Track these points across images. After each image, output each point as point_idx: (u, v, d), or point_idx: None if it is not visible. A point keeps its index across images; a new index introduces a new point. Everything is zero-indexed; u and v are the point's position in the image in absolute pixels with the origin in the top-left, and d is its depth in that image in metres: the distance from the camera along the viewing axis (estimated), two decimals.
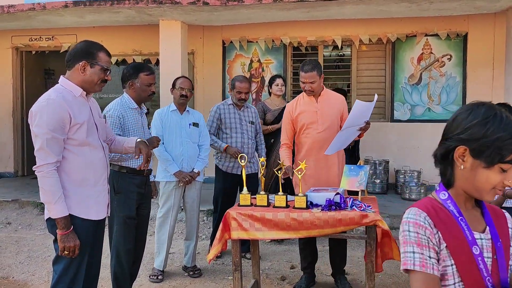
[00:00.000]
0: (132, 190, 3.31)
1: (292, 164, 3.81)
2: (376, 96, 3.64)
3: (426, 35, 6.86)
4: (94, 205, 2.51)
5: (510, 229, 1.42)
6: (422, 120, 6.97)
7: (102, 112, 2.80)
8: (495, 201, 3.56)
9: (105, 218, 2.66)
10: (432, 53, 6.91)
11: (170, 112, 4.08)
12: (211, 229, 5.48)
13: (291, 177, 3.55)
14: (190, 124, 4.09)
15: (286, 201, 3.22)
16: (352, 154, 5.40)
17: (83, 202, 2.46)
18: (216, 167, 4.47)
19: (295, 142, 3.81)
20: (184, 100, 4.06)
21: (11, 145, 8.30)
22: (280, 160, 3.99)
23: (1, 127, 8.27)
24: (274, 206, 3.21)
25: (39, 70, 9.00)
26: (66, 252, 2.37)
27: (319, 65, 3.62)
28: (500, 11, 6.10)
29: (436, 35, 6.81)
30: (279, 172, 3.28)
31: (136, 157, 2.77)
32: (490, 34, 6.68)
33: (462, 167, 1.35)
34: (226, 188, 4.43)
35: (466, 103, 6.56)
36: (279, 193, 3.27)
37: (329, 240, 3.78)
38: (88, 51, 2.45)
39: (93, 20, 6.46)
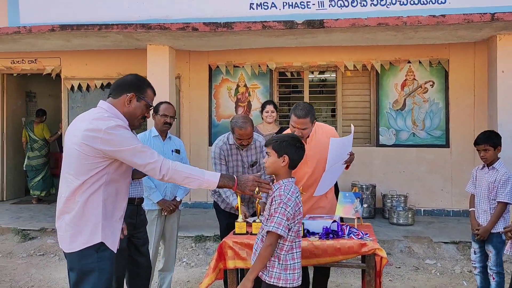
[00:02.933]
0: None
1: None
2: (352, 127, 3.62)
3: (408, 61, 7.02)
4: (116, 239, 2.44)
5: None
6: (407, 144, 7.07)
7: None
8: None
9: None
10: (415, 79, 7.06)
11: (152, 138, 3.91)
12: (200, 255, 5.39)
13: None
14: (172, 151, 3.97)
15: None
16: None
17: (113, 235, 2.39)
18: (215, 203, 4.11)
19: None
20: (167, 128, 3.92)
21: None
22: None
23: None
24: (251, 233, 3.15)
25: (21, 93, 8.84)
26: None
27: (313, 110, 3.48)
28: (480, 40, 6.30)
29: (419, 62, 6.98)
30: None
31: None
32: (471, 62, 6.88)
33: None
34: (230, 224, 3.89)
35: (450, 128, 6.77)
36: (257, 220, 3.22)
37: (314, 269, 3.72)
38: (138, 85, 2.44)
39: (80, 44, 6.40)
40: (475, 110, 6.90)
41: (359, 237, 3.03)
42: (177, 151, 4.01)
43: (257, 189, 2.46)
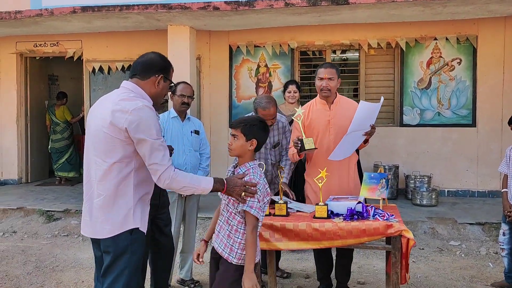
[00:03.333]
0: None
1: (302, 173, 3.74)
2: (382, 99, 3.53)
3: (435, 38, 6.80)
4: (146, 221, 2.44)
5: None
6: (432, 124, 6.91)
7: None
8: None
9: None
10: (441, 57, 6.85)
11: (171, 119, 3.87)
12: None
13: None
14: (191, 132, 3.94)
15: (286, 210, 3.15)
16: None
17: (144, 218, 2.39)
18: None
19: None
20: (185, 108, 3.87)
21: (15, 151, 8.21)
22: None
23: (4, 133, 8.19)
24: (274, 215, 3.13)
25: (43, 76, 8.93)
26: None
27: (339, 68, 3.54)
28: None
29: (446, 38, 6.76)
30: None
31: None
32: (501, 37, 6.63)
33: None
34: None
35: (477, 107, 6.57)
36: (280, 201, 3.19)
37: (337, 249, 3.66)
38: (165, 66, 2.43)
39: (101, 26, 6.39)
40: (504, 88, 6.68)
41: (385, 218, 2.97)
42: (197, 132, 3.98)
43: (243, 193, 2.44)
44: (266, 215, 3.15)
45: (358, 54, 7.21)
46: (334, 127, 3.46)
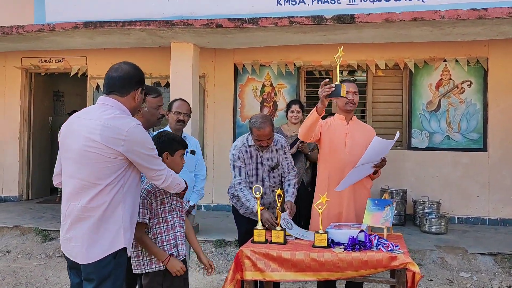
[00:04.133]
0: None
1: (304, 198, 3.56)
2: (398, 134, 3.47)
3: (444, 60, 6.64)
4: (132, 241, 2.41)
5: None
6: (441, 148, 6.69)
7: None
8: None
9: None
10: (451, 79, 6.67)
11: None
12: (220, 261, 5.20)
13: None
14: (187, 152, 3.78)
15: (284, 237, 2.96)
16: None
17: (132, 237, 2.35)
18: (234, 208, 3.79)
19: (317, 165, 3.55)
20: (180, 126, 3.70)
21: (16, 168, 8.11)
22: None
23: (6, 149, 8.11)
24: (271, 242, 2.94)
25: (48, 92, 8.89)
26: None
27: None
28: None
29: (455, 60, 6.59)
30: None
31: None
32: None
33: None
34: (248, 230, 3.52)
35: (488, 131, 6.35)
36: (277, 228, 2.99)
37: (346, 282, 3.49)
38: (141, 77, 2.39)
39: (104, 42, 6.32)
40: None
41: (389, 249, 2.76)
42: (192, 152, 3.79)
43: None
44: (262, 243, 2.96)
45: (365, 75, 7.05)
46: (349, 141, 3.39)
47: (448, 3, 4.97)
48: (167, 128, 3.75)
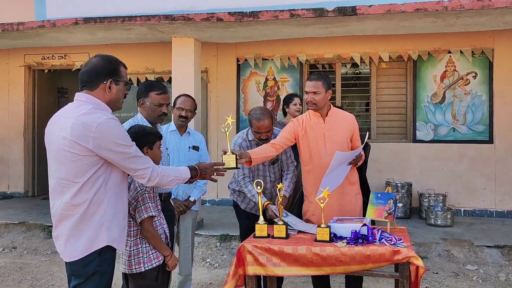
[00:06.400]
0: None
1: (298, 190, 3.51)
2: (367, 135, 3.37)
3: (449, 51, 6.56)
4: (124, 237, 2.37)
5: None
6: (447, 140, 6.63)
7: None
8: None
9: None
10: (456, 70, 6.60)
11: (169, 132, 3.68)
12: (224, 256, 5.19)
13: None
14: (189, 147, 3.72)
15: (286, 232, 2.93)
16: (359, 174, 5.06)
17: (121, 234, 2.30)
18: (235, 203, 3.75)
19: (301, 169, 3.46)
20: (183, 122, 3.67)
21: (22, 164, 8.14)
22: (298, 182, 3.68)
23: (11, 146, 8.14)
24: (272, 237, 2.91)
25: (52, 89, 8.90)
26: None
27: (328, 79, 3.27)
28: None
29: (460, 52, 6.51)
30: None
31: None
32: None
33: None
34: (250, 225, 3.47)
35: (494, 123, 6.27)
36: (279, 222, 2.96)
37: (346, 276, 3.45)
38: (112, 68, 2.27)
39: (105, 37, 6.30)
40: None
41: (392, 243, 2.72)
42: (195, 148, 3.76)
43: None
44: (264, 237, 2.94)
45: (369, 68, 6.99)
46: (329, 141, 3.26)
47: None
48: (172, 124, 3.75)
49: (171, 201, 3.52)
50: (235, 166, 2.87)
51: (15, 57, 7.96)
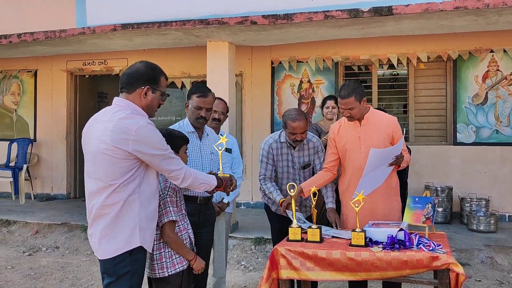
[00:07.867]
0: None
1: (335, 193, 3.50)
2: (404, 131, 3.31)
3: (491, 51, 6.32)
4: (152, 239, 2.43)
5: None
6: (489, 143, 6.38)
7: None
8: None
9: None
10: (499, 70, 6.35)
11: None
12: (259, 259, 5.19)
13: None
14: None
15: (320, 236, 2.88)
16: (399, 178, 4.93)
17: (151, 236, 2.38)
18: (266, 206, 3.75)
19: (340, 172, 3.46)
20: (216, 124, 3.71)
21: (64, 167, 8.43)
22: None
23: (54, 149, 8.44)
24: (306, 240, 2.88)
25: (92, 93, 9.19)
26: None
27: (359, 87, 3.18)
28: None
29: (503, 50, 6.26)
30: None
31: None
32: None
33: None
34: (282, 228, 3.51)
35: None
36: (313, 226, 2.92)
37: (383, 282, 3.38)
38: (152, 76, 2.34)
39: (142, 43, 6.44)
40: None
41: (430, 248, 2.64)
42: (228, 150, 3.75)
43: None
44: (297, 241, 2.92)
45: (406, 69, 6.83)
46: (364, 144, 3.22)
47: None
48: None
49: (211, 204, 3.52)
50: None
51: (58, 63, 8.27)
